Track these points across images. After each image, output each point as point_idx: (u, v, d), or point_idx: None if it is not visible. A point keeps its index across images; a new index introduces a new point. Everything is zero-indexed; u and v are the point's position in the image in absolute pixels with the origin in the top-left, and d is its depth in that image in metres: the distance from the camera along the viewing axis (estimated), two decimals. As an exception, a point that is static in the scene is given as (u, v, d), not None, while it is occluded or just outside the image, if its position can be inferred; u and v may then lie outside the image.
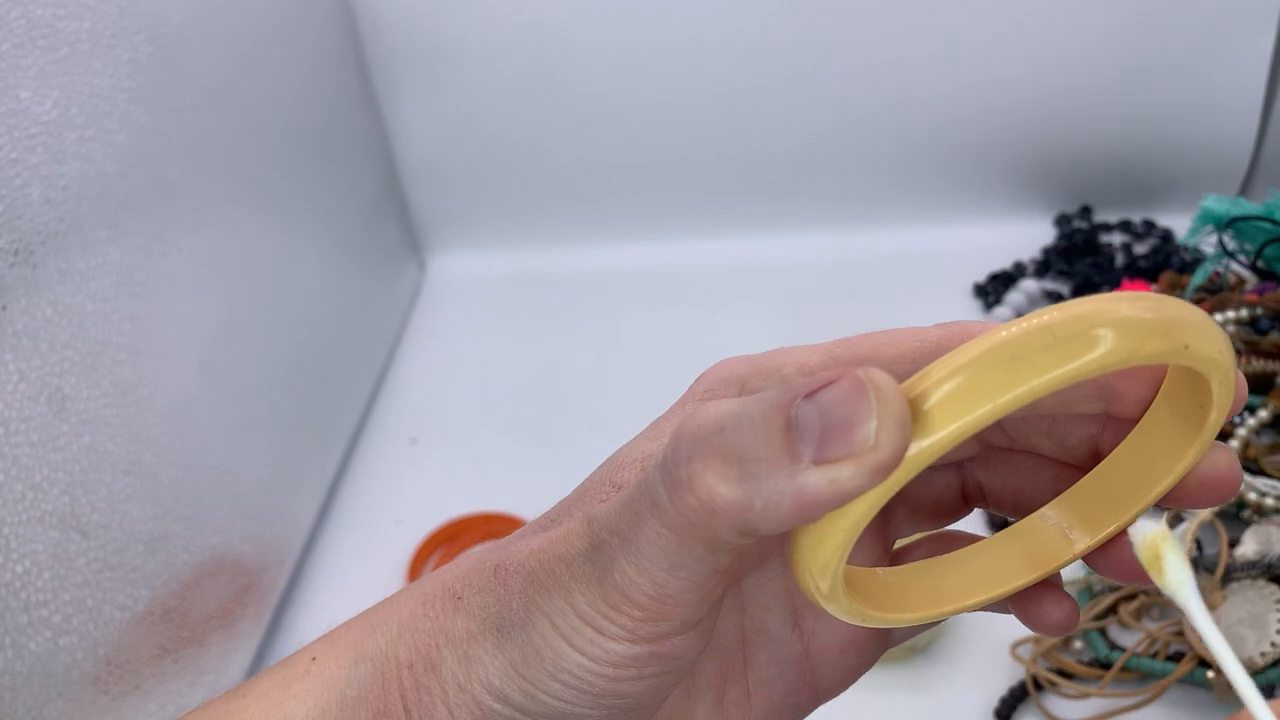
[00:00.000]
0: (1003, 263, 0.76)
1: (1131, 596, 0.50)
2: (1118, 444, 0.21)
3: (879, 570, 0.21)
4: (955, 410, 0.16)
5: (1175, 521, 0.53)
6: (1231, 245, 0.58)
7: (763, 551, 0.23)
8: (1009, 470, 0.23)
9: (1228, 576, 0.48)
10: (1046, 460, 0.22)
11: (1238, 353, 0.57)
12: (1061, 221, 0.78)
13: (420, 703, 0.21)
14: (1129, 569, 0.21)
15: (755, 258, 0.79)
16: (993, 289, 0.74)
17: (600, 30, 0.72)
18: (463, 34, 0.73)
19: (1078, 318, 0.16)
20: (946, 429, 0.16)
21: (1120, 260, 0.75)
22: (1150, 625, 0.49)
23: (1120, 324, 0.16)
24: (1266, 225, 0.57)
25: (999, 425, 0.22)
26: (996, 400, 0.16)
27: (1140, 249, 0.76)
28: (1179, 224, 0.75)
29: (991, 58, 0.73)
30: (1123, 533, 0.21)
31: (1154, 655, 0.47)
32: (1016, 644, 0.49)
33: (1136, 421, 0.20)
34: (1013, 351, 0.16)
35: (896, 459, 0.16)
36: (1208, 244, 0.59)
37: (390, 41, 0.73)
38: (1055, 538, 0.22)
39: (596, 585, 0.19)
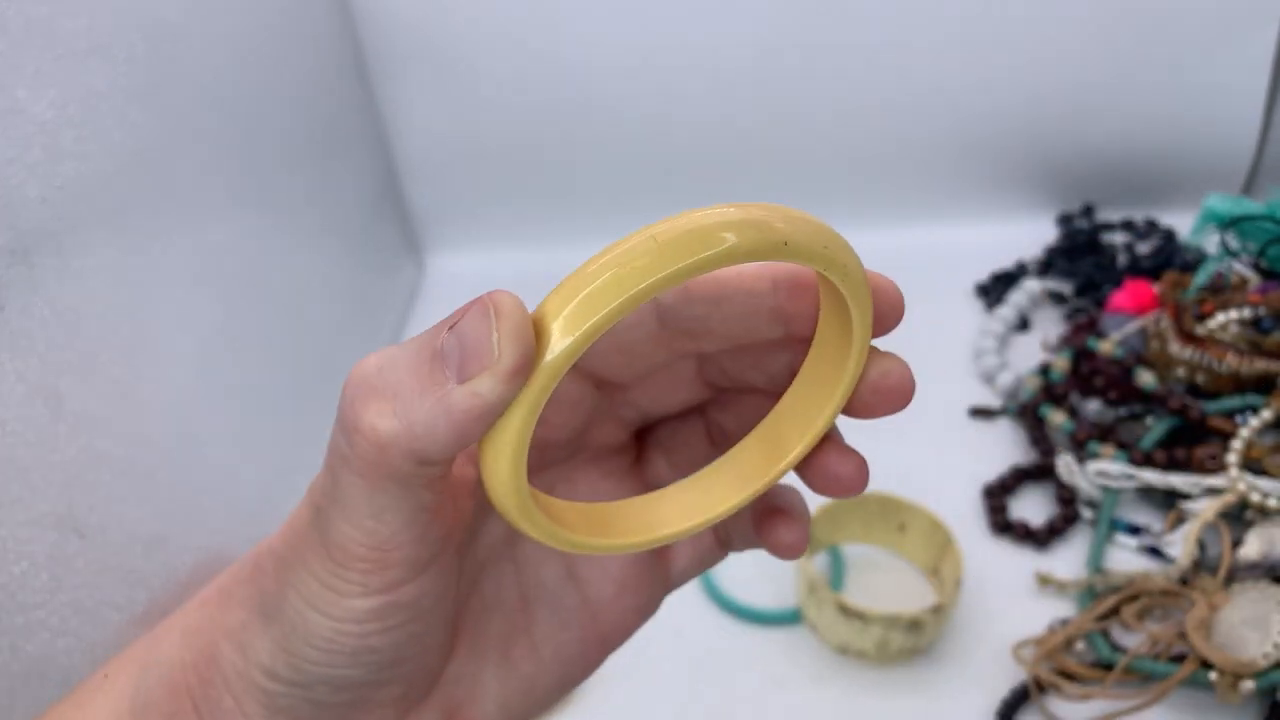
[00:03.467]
0: (1005, 262, 0.75)
1: (1134, 598, 0.50)
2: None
3: (599, 504, 0.22)
4: (578, 319, 0.18)
5: (1178, 522, 0.53)
6: (1234, 245, 0.58)
7: None
8: (740, 409, 0.25)
9: (1231, 577, 0.48)
10: (766, 394, 0.24)
11: (1241, 353, 0.56)
12: (1064, 221, 0.78)
13: (206, 697, 0.23)
14: (833, 484, 0.22)
15: (756, 257, 0.78)
16: (995, 288, 0.74)
17: (600, 31, 0.72)
18: (462, 34, 0.73)
19: (678, 224, 0.18)
20: (571, 335, 0.18)
21: (1123, 260, 0.75)
22: (1153, 626, 0.48)
23: (718, 225, 0.18)
24: (1269, 225, 0.56)
25: (720, 366, 0.23)
26: (610, 304, 0.17)
27: (1143, 248, 0.76)
28: (1182, 223, 0.75)
29: (993, 57, 0.72)
30: (825, 447, 0.22)
31: (1156, 657, 0.47)
32: (1019, 645, 0.49)
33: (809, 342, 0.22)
34: (620, 260, 0.18)
35: (520, 364, 0.18)
36: (1210, 243, 0.59)
37: (390, 41, 0.73)
38: (760, 459, 0.23)
39: (323, 549, 0.20)
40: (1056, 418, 0.59)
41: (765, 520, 0.24)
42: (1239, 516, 0.53)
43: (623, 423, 0.25)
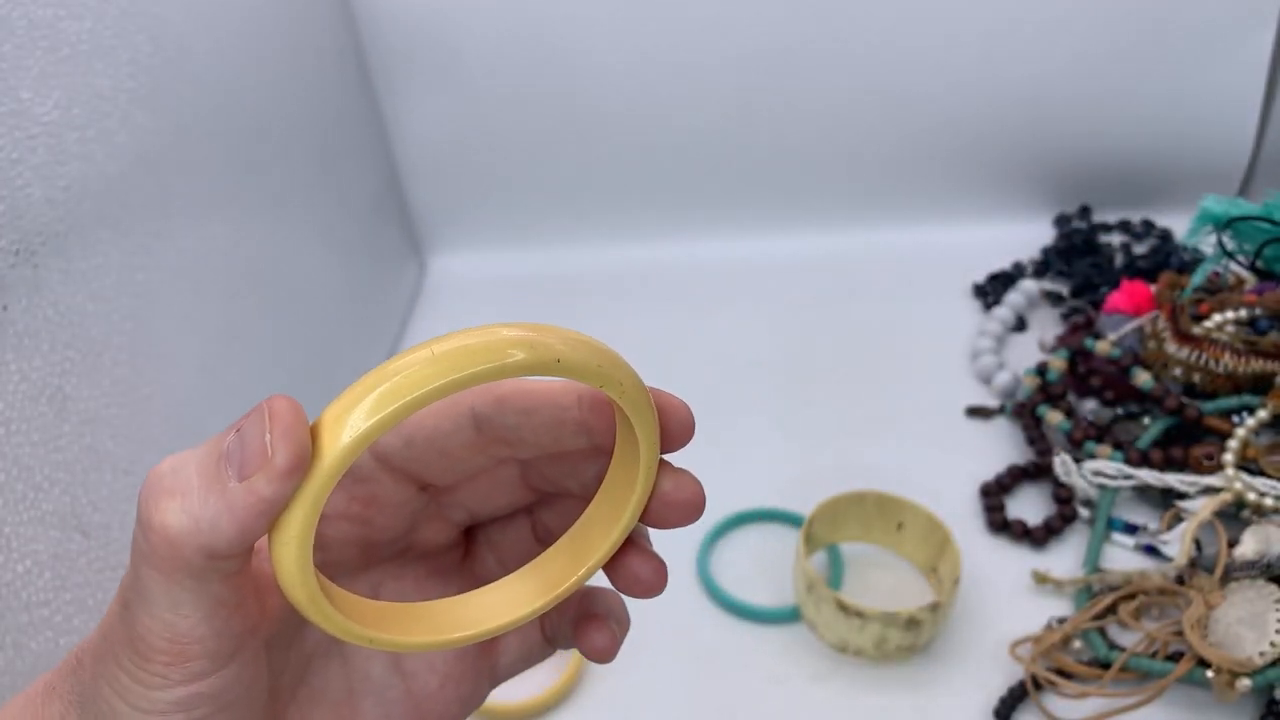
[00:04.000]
0: (1002, 263, 0.76)
1: (1131, 597, 0.50)
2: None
3: (403, 603, 0.23)
4: (356, 423, 0.19)
5: (1175, 521, 0.53)
6: (1231, 245, 0.58)
7: None
8: (563, 511, 0.26)
9: (1227, 576, 0.48)
10: (582, 500, 0.25)
11: (1237, 353, 0.57)
12: (1061, 221, 0.79)
13: None
14: (634, 585, 0.24)
15: (755, 258, 0.79)
16: (992, 289, 0.74)
17: (601, 32, 0.72)
18: (463, 35, 0.73)
19: (456, 340, 0.19)
20: (348, 438, 0.19)
21: (1119, 260, 0.75)
22: (1149, 625, 0.49)
23: (496, 342, 0.19)
24: (1265, 225, 0.57)
25: (540, 471, 0.25)
26: (384, 411, 0.19)
27: (1139, 249, 0.76)
28: (1178, 224, 0.75)
29: (991, 58, 0.73)
30: (627, 551, 0.24)
31: (1153, 655, 0.47)
32: (1016, 643, 0.49)
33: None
34: (398, 370, 0.19)
35: (293, 463, 0.19)
36: (1207, 244, 0.59)
37: (390, 42, 0.73)
38: (567, 563, 0.24)
39: (129, 643, 0.21)
40: (1054, 417, 0.60)
41: (580, 623, 0.25)
42: (1235, 515, 0.53)
43: (451, 523, 0.26)
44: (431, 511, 0.26)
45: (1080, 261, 0.74)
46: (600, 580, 0.25)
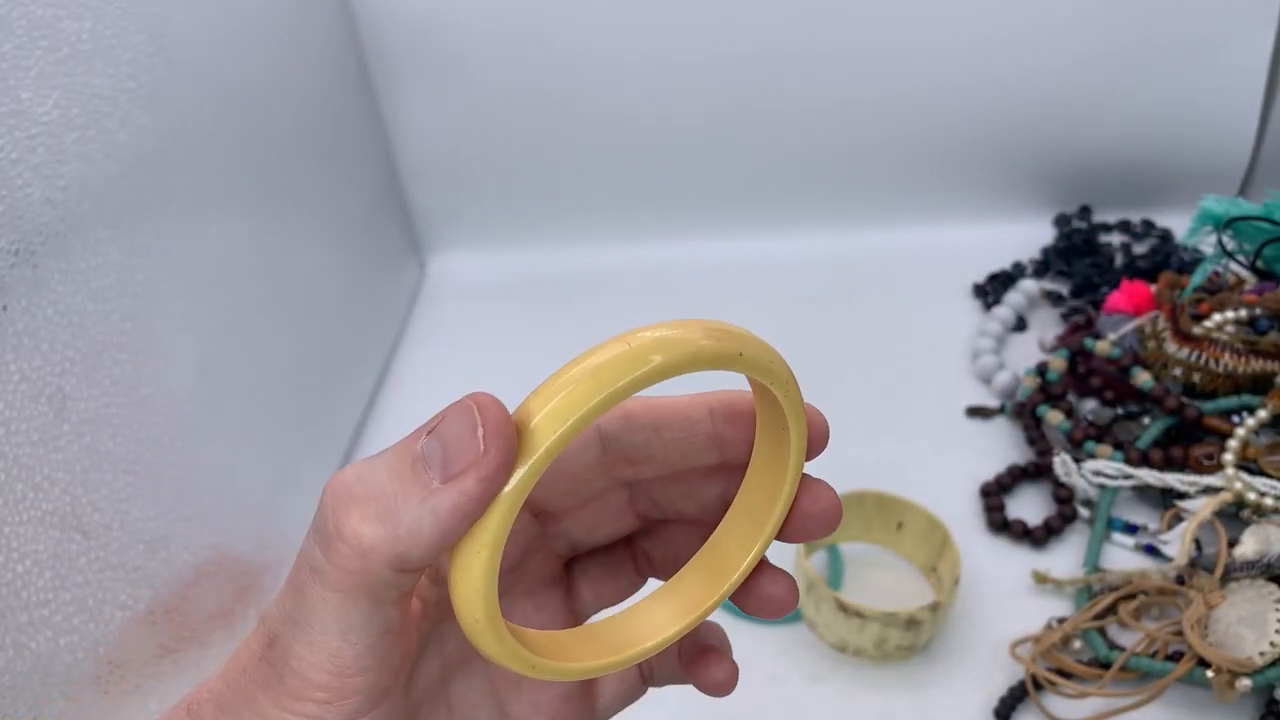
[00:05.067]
0: (1002, 263, 0.76)
1: (1131, 597, 0.50)
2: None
3: (550, 631, 0.23)
4: (555, 421, 0.18)
5: (1175, 521, 0.53)
6: (1230, 245, 0.58)
7: (464, 653, 0.24)
8: (668, 539, 0.25)
9: (1227, 576, 0.48)
10: (696, 523, 0.24)
11: (1237, 353, 0.57)
12: (1061, 221, 0.79)
13: None
14: (766, 605, 0.23)
15: (755, 258, 0.79)
16: (992, 289, 0.74)
17: (600, 32, 0.72)
18: (463, 35, 0.73)
19: (648, 332, 0.19)
20: (551, 434, 0.18)
21: (1119, 260, 0.75)
22: (1149, 625, 0.49)
23: (682, 335, 0.19)
24: (1265, 225, 0.57)
25: (652, 496, 0.24)
26: (588, 404, 0.18)
27: (1139, 249, 0.76)
28: (1178, 224, 0.75)
29: (991, 58, 0.73)
30: (757, 570, 0.23)
31: (1153, 655, 0.47)
32: (1016, 643, 0.49)
33: (745, 469, 0.23)
34: (595, 365, 0.18)
35: (507, 459, 0.18)
36: (1207, 244, 0.59)
37: (390, 42, 0.73)
38: (703, 585, 0.23)
39: (277, 682, 0.19)
40: (1053, 417, 0.60)
41: (697, 657, 0.25)
42: (1235, 515, 0.53)
43: (554, 554, 0.25)
44: (539, 542, 0.25)
45: (1080, 261, 0.74)
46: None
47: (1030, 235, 0.78)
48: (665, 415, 0.22)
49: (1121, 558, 0.54)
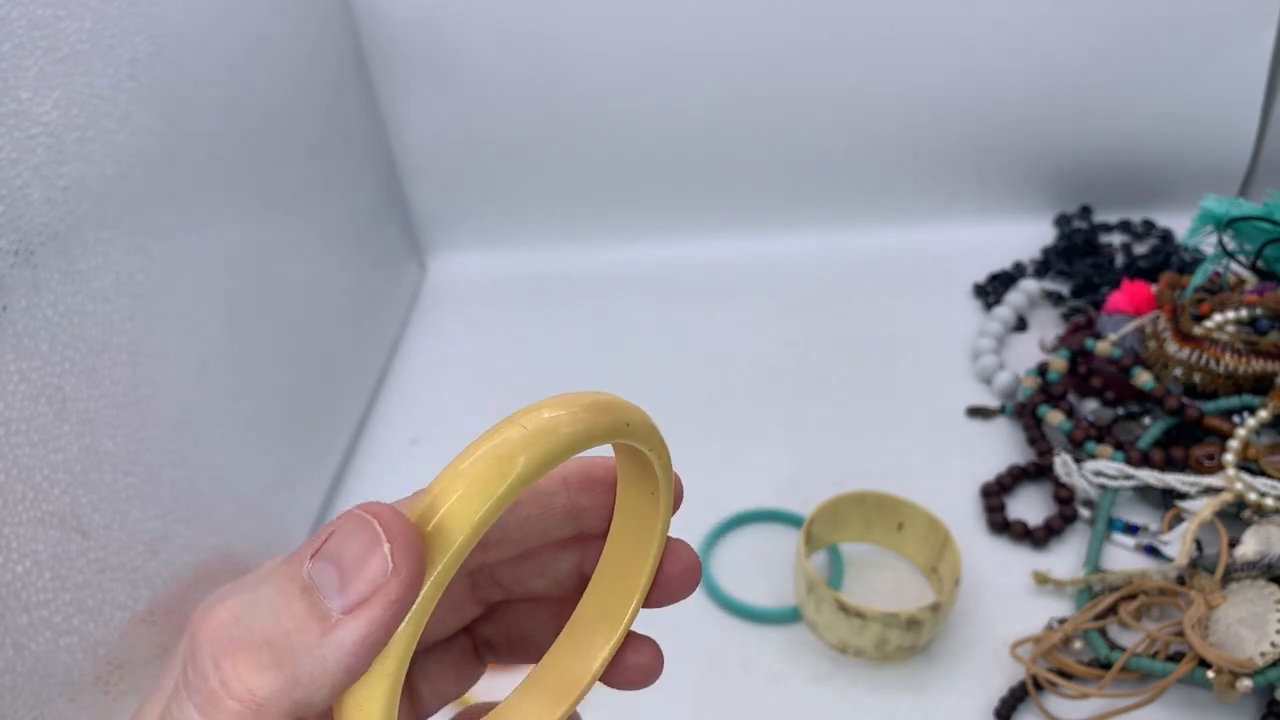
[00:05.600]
0: (1003, 263, 0.76)
1: (1131, 597, 0.50)
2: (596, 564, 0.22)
3: None
4: (464, 517, 0.17)
5: (1175, 522, 0.53)
6: (1231, 245, 0.58)
7: None
8: (512, 620, 0.24)
9: (1228, 576, 0.48)
10: (545, 600, 0.23)
11: (1238, 353, 0.57)
12: (1061, 221, 0.79)
13: None
14: (633, 676, 0.22)
15: (755, 258, 0.79)
16: (993, 289, 0.74)
17: (600, 31, 0.72)
18: (463, 34, 0.73)
19: (539, 415, 0.18)
20: (462, 531, 0.16)
21: (1120, 260, 0.75)
22: (1150, 625, 0.49)
23: (576, 412, 0.18)
24: (1266, 225, 0.57)
25: (495, 580, 0.23)
26: (497, 490, 0.17)
27: (1140, 249, 0.76)
28: (1179, 224, 0.75)
29: (992, 58, 0.73)
30: (626, 644, 0.22)
31: (1154, 655, 0.47)
32: (1016, 644, 0.49)
33: (603, 538, 0.22)
34: (497, 452, 0.17)
35: (418, 575, 0.16)
36: (1207, 244, 0.59)
37: (390, 41, 0.73)
38: (573, 668, 0.22)
39: None
40: (1054, 417, 0.60)
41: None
42: (1236, 516, 0.53)
43: None
44: None
45: (1081, 261, 0.74)
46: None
47: (1031, 235, 0.78)
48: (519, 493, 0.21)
49: (1122, 558, 0.54)
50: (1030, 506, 0.58)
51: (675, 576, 0.22)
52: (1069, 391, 0.62)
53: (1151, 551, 0.54)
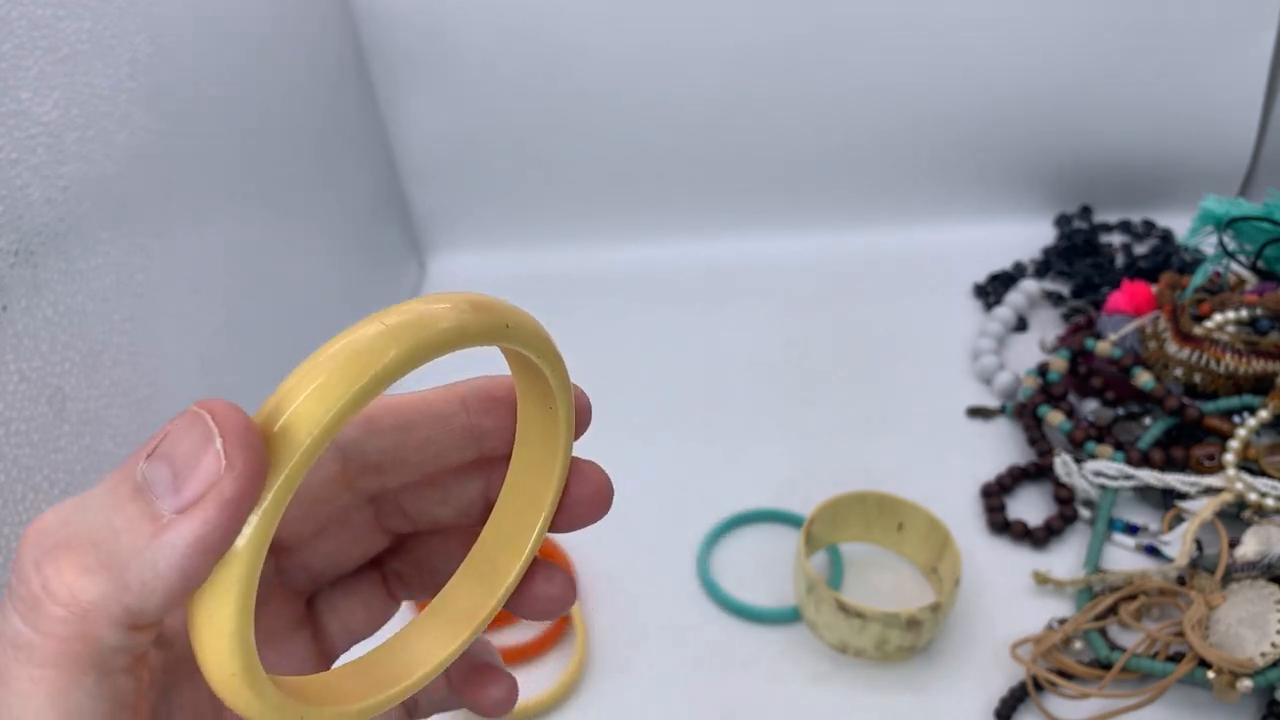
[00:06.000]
0: (1003, 263, 0.76)
1: (1132, 597, 0.50)
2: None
3: (315, 675, 0.20)
4: (313, 414, 0.16)
5: (1176, 522, 0.53)
6: (1231, 245, 0.58)
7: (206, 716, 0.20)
8: (423, 552, 0.22)
9: (1228, 577, 0.48)
10: (452, 530, 0.22)
11: (1238, 353, 0.57)
12: (1061, 222, 0.78)
13: None
14: (542, 606, 0.21)
15: (755, 258, 0.79)
16: (993, 289, 0.74)
17: (600, 31, 0.72)
18: (463, 34, 0.73)
19: (409, 310, 0.17)
20: (310, 432, 0.15)
21: (1120, 260, 0.75)
22: (1150, 625, 0.49)
23: (448, 309, 0.17)
24: (1266, 225, 0.57)
25: (400, 509, 0.21)
26: (351, 388, 0.16)
27: (1140, 249, 0.76)
28: (1179, 224, 0.75)
29: (991, 58, 0.73)
30: (529, 571, 0.21)
31: (1154, 656, 0.47)
32: (1016, 644, 0.49)
33: (507, 460, 0.21)
34: (354, 346, 0.16)
35: (256, 472, 0.15)
36: (1208, 244, 0.59)
37: (390, 42, 0.73)
38: (471, 599, 0.21)
39: None
40: (1054, 418, 0.60)
41: (471, 676, 0.22)
42: (1236, 516, 0.53)
43: (292, 592, 0.22)
44: (274, 580, 0.21)
45: (1081, 261, 0.74)
46: None
47: (1031, 235, 0.78)
48: (413, 413, 0.20)
49: (1122, 558, 0.54)
50: (1030, 507, 0.58)
51: (583, 499, 0.20)
52: (1069, 392, 0.62)
53: (1152, 552, 0.54)
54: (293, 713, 0.17)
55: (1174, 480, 0.54)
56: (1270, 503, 0.51)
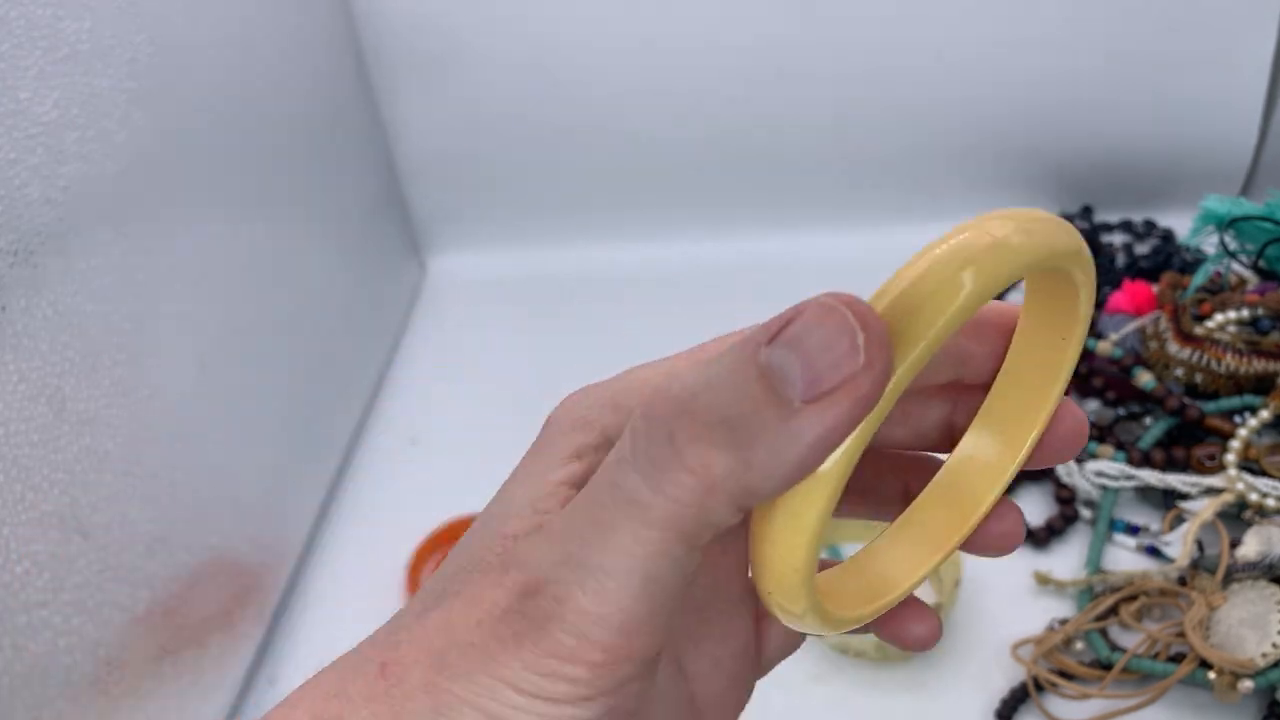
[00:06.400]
0: (1003, 263, 0.76)
1: (1132, 598, 0.50)
2: (970, 419, 0.21)
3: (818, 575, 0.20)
4: (930, 315, 0.15)
5: (1177, 522, 0.53)
6: (1233, 245, 0.58)
7: None
8: (861, 469, 0.23)
9: (1229, 577, 0.48)
10: (899, 453, 0.22)
11: (1239, 353, 0.57)
12: (1062, 222, 0.78)
13: None
14: (995, 542, 0.21)
15: (756, 258, 0.78)
16: (993, 289, 0.74)
17: (600, 31, 0.72)
18: (463, 34, 0.73)
19: (1011, 217, 0.16)
20: (928, 333, 0.15)
21: (1121, 260, 0.75)
22: (1151, 626, 0.48)
23: (1045, 226, 0.17)
24: (1268, 225, 0.56)
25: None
26: (965, 292, 0.15)
27: (1141, 249, 0.76)
28: (1180, 224, 0.75)
29: (992, 57, 0.73)
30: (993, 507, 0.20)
31: (1154, 656, 0.47)
32: (1017, 645, 0.49)
33: (984, 389, 0.20)
34: (966, 254, 0.16)
35: (886, 373, 0.15)
36: (1209, 244, 0.59)
37: (390, 41, 0.73)
38: (945, 521, 0.21)
39: (534, 641, 0.16)
40: (1055, 418, 0.59)
41: (892, 612, 0.22)
42: (1237, 516, 0.53)
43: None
44: None
45: (1082, 261, 0.74)
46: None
47: (1031, 235, 0.78)
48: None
49: (1123, 559, 0.54)
50: (1031, 507, 0.58)
51: (1063, 436, 0.20)
52: (1070, 392, 0.62)
53: (1153, 552, 0.54)
54: (824, 615, 0.18)
55: (1175, 480, 0.54)
56: (1271, 503, 0.51)
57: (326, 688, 0.18)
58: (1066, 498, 0.56)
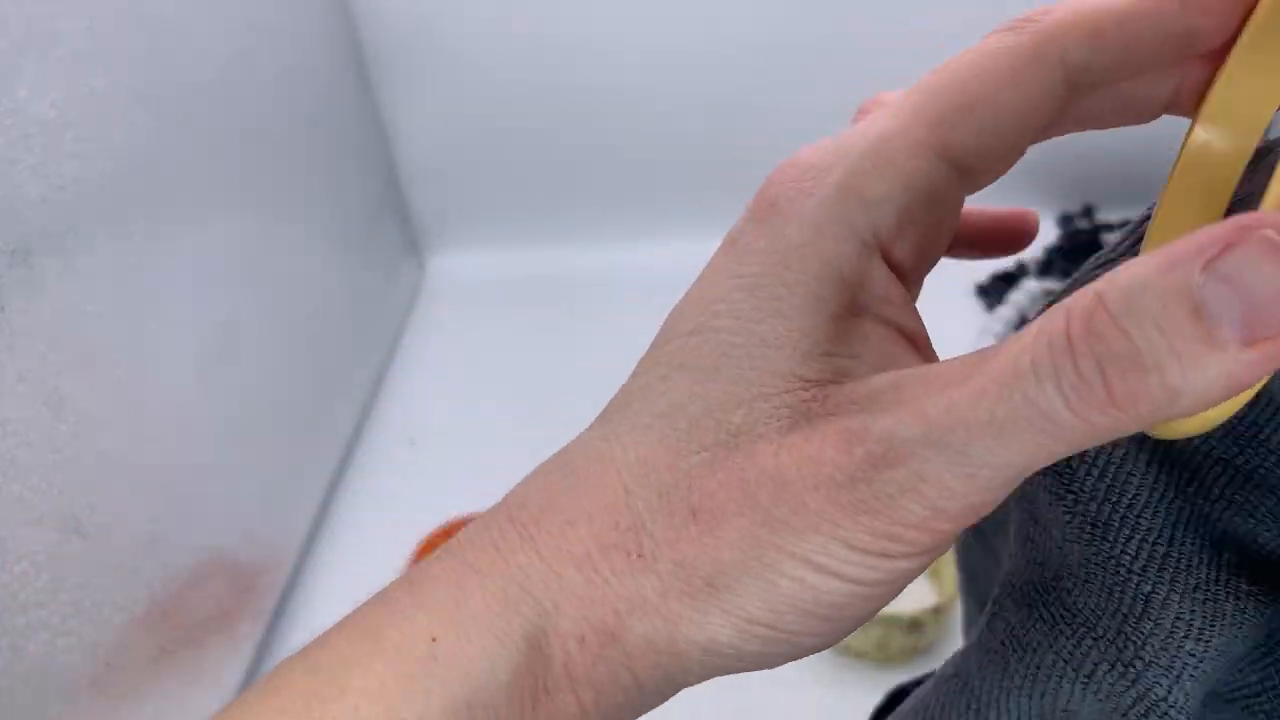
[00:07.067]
0: (1005, 263, 0.76)
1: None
2: (1199, 86, 0.20)
3: None
4: None
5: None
6: (1234, 245, 0.58)
7: None
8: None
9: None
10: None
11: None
12: (1064, 221, 0.78)
13: (593, 677, 0.19)
14: (1010, 240, 0.22)
15: (756, 258, 0.78)
16: (995, 289, 0.74)
17: (600, 31, 0.72)
18: (463, 34, 0.73)
19: None
20: None
21: (1122, 260, 0.75)
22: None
23: None
24: (1269, 225, 0.56)
25: (1070, 118, 0.22)
26: None
27: (1142, 249, 0.76)
28: (1181, 224, 0.75)
29: (993, 57, 0.72)
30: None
31: (1156, 657, 0.47)
32: (1018, 645, 0.49)
33: (1221, 50, 0.19)
34: None
35: None
36: (1210, 244, 0.59)
37: (390, 41, 0.73)
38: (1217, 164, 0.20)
39: (882, 509, 0.16)
40: (1056, 418, 0.59)
41: (995, 225, 0.22)
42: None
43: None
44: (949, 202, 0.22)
45: (1084, 261, 0.74)
46: None
47: (1033, 235, 0.78)
48: (1134, 26, 0.19)
49: (1124, 559, 0.54)
50: (1032, 507, 0.58)
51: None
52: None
53: (1154, 552, 0.54)
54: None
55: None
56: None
57: (601, 531, 0.18)
58: (1068, 498, 0.56)
